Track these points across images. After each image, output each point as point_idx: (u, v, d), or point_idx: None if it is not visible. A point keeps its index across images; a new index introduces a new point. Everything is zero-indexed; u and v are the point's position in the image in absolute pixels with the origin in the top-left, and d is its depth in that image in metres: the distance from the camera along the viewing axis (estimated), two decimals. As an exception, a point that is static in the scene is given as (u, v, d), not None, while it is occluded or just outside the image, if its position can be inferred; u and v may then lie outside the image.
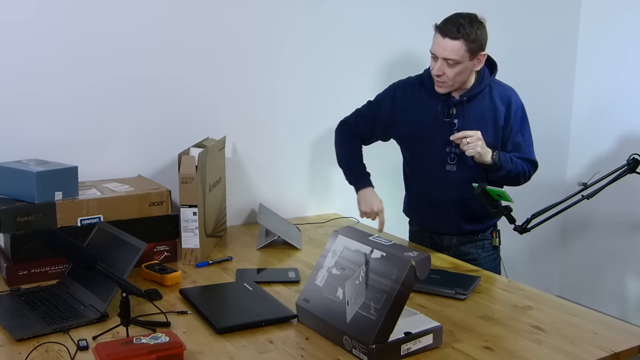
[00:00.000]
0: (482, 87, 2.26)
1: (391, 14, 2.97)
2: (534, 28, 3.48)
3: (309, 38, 2.77)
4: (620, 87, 3.53)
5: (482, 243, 2.39)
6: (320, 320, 1.59)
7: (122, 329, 1.56)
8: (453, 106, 2.24)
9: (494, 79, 2.30)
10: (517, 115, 2.29)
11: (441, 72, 2.16)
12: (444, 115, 2.25)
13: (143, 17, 2.38)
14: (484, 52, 2.19)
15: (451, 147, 2.25)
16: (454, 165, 2.27)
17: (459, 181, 2.26)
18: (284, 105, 2.76)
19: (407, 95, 2.34)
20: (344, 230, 1.71)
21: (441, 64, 2.15)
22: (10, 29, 2.16)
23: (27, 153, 2.18)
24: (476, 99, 2.25)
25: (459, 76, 2.17)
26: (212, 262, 2.16)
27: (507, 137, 2.28)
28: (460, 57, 2.12)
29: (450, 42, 2.11)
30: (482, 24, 2.17)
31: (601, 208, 3.51)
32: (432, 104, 2.28)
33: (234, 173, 2.66)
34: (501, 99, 2.28)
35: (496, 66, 2.31)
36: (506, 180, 2.28)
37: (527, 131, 2.32)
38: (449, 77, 2.17)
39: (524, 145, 2.30)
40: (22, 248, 1.89)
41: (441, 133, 2.26)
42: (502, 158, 2.20)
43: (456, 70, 2.15)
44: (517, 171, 2.25)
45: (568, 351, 1.54)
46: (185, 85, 2.51)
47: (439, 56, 2.15)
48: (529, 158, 2.30)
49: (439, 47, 2.15)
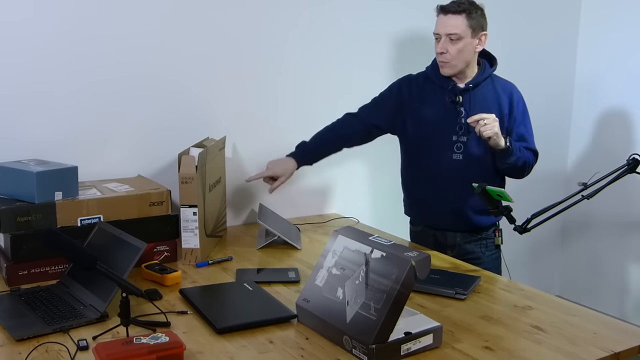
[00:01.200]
0: (485, 77, 2.32)
1: (391, 13, 2.97)
2: (534, 28, 3.48)
3: (310, 37, 2.77)
4: (620, 86, 3.53)
5: (485, 242, 2.40)
6: (320, 320, 1.59)
7: (122, 329, 1.56)
8: (459, 94, 2.28)
9: (494, 71, 2.36)
10: (520, 106, 2.35)
11: (445, 49, 2.22)
12: (451, 104, 2.29)
13: (143, 17, 2.37)
14: (485, 32, 2.26)
15: (458, 135, 2.29)
16: (460, 154, 2.30)
17: (465, 170, 2.29)
18: (284, 105, 2.76)
19: (413, 87, 2.40)
20: (344, 230, 1.71)
21: (444, 41, 2.22)
22: (10, 29, 2.16)
23: (27, 153, 2.18)
24: (480, 86, 2.31)
25: (461, 54, 2.23)
26: (212, 262, 2.16)
27: (511, 127, 2.32)
28: (462, 32, 2.19)
29: (452, 17, 2.20)
30: (482, 9, 2.26)
31: (601, 208, 3.51)
32: (438, 93, 2.33)
33: (234, 173, 2.66)
34: (503, 90, 2.34)
35: (496, 60, 2.37)
36: (513, 169, 2.31)
37: (529, 122, 2.37)
38: (452, 55, 2.22)
39: (526, 134, 2.35)
40: (22, 248, 1.89)
41: (448, 121, 2.31)
42: (513, 143, 2.23)
43: (459, 46, 2.21)
44: (524, 159, 2.28)
45: (568, 351, 1.54)
46: (185, 85, 2.51)
47: (442, 33, 2.22)
48: (532, 148, 2.35)
49: (441, 25, 2.23)
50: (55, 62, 2.24)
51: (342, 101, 2.76)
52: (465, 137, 2.28)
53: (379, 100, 2.46)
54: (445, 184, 2.34)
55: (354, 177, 3.01)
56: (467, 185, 2.27)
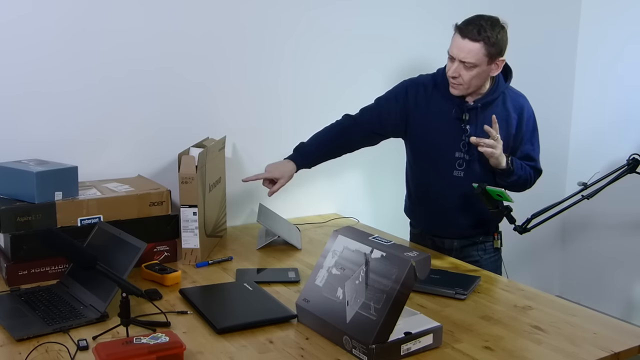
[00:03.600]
0: (497, 95, 2.21)
1: (395, 12, 2.97)
2: (534, 27, 3.48)
3: (310, 38, 2.77)
4: (620, 87, 3.53)
5: (483, 245, 2.38)
6: (320, 320, 1.59)
7: (122, 329, 1.56)
8: (467, 111, 2.19)
9: (508, 85, 2.26)
10: (529, 125, 2.27)
11: (457, 74, 2.11)
12: (457, 121, 2.21)
13: (143, 17, 2.37)
14: (503, 58, 2.14)
15: (461, 152, 2.22)
16: (461, 171, 2.23)
17: (465, 187, 2.20)
18: (284, 105, 2.76)
19: (420, 95, 2.28)
20: (344, 230, 1.71)
21: (458, 66, 2.10)
22: (10, 28, 2.16)
23: (27, 153, 2.18)
24: (490, 106, 2.21)
25: (475, 80, 2.12)
26: (212, 262, 2.16)
27: (517, 145, 2.27)
28: (478, 61, 2.07)
29: (470, 43, 2.06)
30: (504, 29, 2.12)
31: (601, 208, 3.51)
32: (445, 107, 2.23)
33: (234, 173, 2.66)
34: (514, 107, 2.24)
35: (511, 73, 2.26)
36: (513, 186, 2.25)
37: (537, 140, 2.30)
38: (465, 80, 2.12)
39: (533, 154, 2.29)
40: (22, 248, 1.89)
41: (452, 138, 2.22)
42: (515, 163, 2.19)
43: (472, 73, 2.10)
44: (525, 177, 2.24)
45: (568, 351, 1.54)
46: (185, 85, 2.51)
47: (457, 57, 2.10)
48: (536, 167, 2.30)
49: (457, 48, 2.09)
50: (55, 62, 2.24)
51: (342, 101, 2.76)
52: (468, 155, 2.20)
53: (383, 105, 2.34)
54: (444, 198, 2.30)
55: (354, 177, 3.01)
56: (466, 201, 2.25)
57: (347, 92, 2.87)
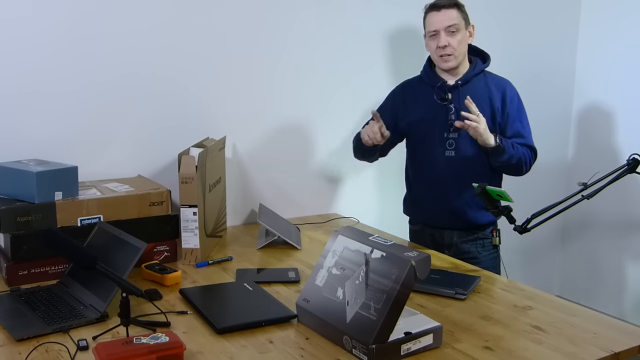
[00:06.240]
0: (476, 72, 2.36)
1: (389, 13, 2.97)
2: (534, 27, 3.48)
3: (309, 38, 2.77)
4: (620, 86, 3.53)
5: (482, 242, 2.41)
6: (320, 320, 1.59)
7: (122, 329, 1.56)
8: (448, 91, 2.33)
9: (486, 68, 2.39)
10: (514, 102, 2.35)
11: (447, 42, 2.27)
12: (441, 101, 2.33)
13: (143, 17, 2.38)
14: (473, 24, 2.36)
15: (448, 132, 2.33)
16: (452, 150, 2.34)
17: (458, 167, 2.32)
18: (284, 105, 2.76)
19: (407, 92, 2.46)
20: (344, 230, 1.71)
21: (444, 35, 2.27)
22: (9, 28, 2.16)
23: (27, 153, 2.18)
24: (470, 82, 2.34)
25: (461, 45, 2.30)
26: (212, 262, 2.16)
27: (505, 123, 2.34)
28: (459, 23, 2.28)
29: (447, 11, 2.28)
30: None
31: (601, 208, 3.51)
32: (429, 93, 2.37)
33: (234, 173, 2.66)
34: (496, 86, 2.36)
35: (489, 57, 2.41)
36: (508, 167, 2.31)
37: (525, 118, 2.38)
38: (454, 47, 2.28)
39: (523, 131, 2.35)
40: (22, 248, 1.89)
41: (439, 119, 2.35)
42: (505, 142, 2.24)
43: (458, 38, 2.28)
44: (518, 156, 2.28)
45: (568, 351, 1.54)
46: (185, 85, 2.51)
47: (440, 28, 2.28)
48: (529, 144, 2.35)
49: (437, 21, 2.29)
50: (55, 62, 2.24)
51: (341, 101, 2.77)
52: (456, 133, 2.32)
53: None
54: (439, 181, 2.38)
55: (354, 177, 3.01)
56: (461, 182, 2.31)
57: (347, 92, 2.87)
